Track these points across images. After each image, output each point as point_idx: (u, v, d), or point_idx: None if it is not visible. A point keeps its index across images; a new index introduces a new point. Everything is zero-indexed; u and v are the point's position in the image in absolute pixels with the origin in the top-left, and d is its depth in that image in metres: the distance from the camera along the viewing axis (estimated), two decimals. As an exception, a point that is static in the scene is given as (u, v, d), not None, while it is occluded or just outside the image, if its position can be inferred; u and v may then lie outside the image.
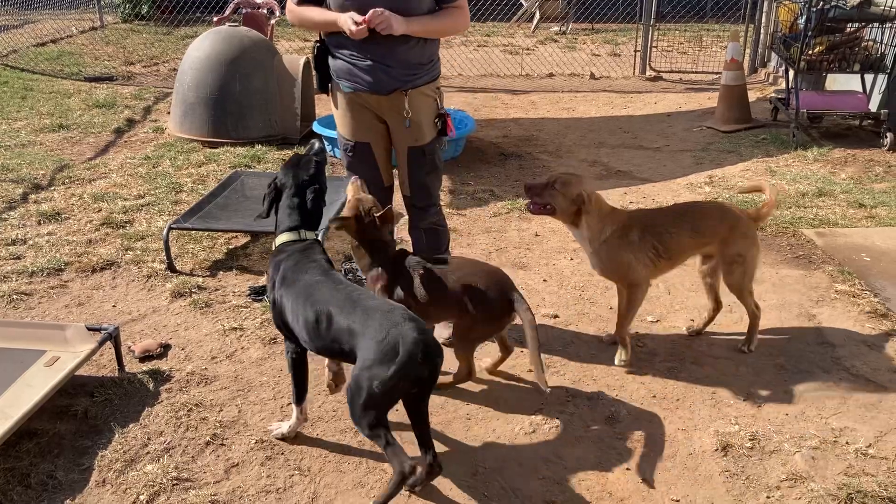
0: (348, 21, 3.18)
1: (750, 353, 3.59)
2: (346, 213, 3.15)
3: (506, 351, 3.36)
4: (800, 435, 3.02)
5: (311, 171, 2.94)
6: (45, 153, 6.47)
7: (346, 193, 3.25)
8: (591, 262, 3.48)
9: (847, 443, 2.98)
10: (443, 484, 2.78)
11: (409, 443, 2.71)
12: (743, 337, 3.72)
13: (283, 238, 2.92)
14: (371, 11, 3.15)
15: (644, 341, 3.72)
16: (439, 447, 2.94)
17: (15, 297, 4.06)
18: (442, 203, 3.89)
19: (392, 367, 2.44)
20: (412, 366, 2.46)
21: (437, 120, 3.50)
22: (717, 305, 3.71)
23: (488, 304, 3.07)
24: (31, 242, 4.72)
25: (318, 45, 3.47)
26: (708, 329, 3.80)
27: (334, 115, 3.61)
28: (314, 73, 3.55)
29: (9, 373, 3.05)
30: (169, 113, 7.31)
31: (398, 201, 3.67)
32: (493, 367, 3.41)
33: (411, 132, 3.47)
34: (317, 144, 3.05)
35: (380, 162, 3.55)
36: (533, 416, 3.15)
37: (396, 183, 3.70)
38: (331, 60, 3.44)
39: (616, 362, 3.50)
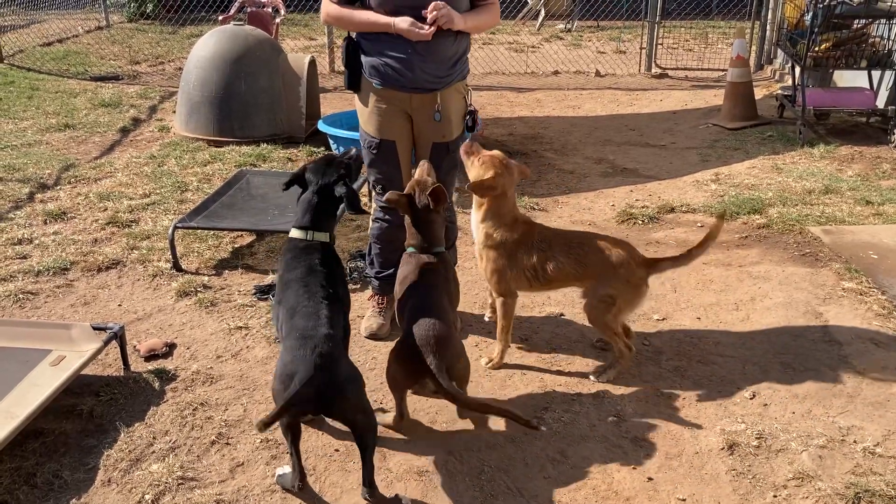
0: (412, 30, 3.23)
1: (756, 351, 3.57)
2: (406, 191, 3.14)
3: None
4: (807, 434, 3.01)
5: (339, 173, 2.95)
6: (51, 153, 6.49)
7: (414, 174, 3.25)
8: (477, 252, 3.46)
9: (855, 441, 2.96)
10: (448, 483, 2.77)
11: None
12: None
13: (292, 233, 2.96)
14: (433, 4, 3.22)
15: (650, 340, 3.71)
16: (445, 445, 2.95)
17: (21, 296, 4.07)
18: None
19: (283, 394, 2.49)
20: (298, 400, 2.46)
21: (466, 117, 3.59)
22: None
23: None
24: (37, 242, 4.73)
25: (347, 42, 3.49)
26: (714, 328, 3.79)
27: (359, 113, 3.61)
28: (344, 70, 3.55)
29: (14, 372, 3.06)
30: (174, 112, 7.31)
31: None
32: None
33: (440, 128, 3.51)
34: (353, 150, 3.10)
35: (402, 160, 3.57)
36: (538, 415, 3.14)
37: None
38: (364, 58, 3.45)
39: (482, 362, 3.47)
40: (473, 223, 3.44)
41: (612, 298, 3.27)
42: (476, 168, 3.33)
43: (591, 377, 3.38)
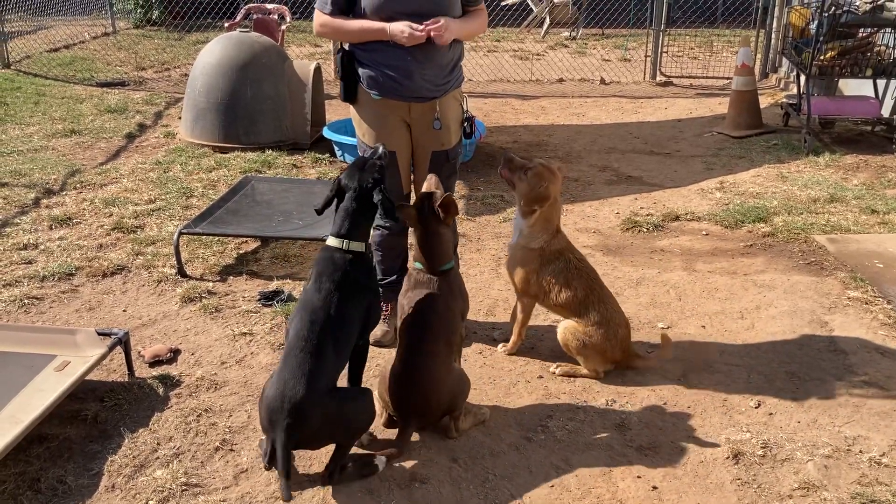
0: (405, 30, 3.22)
1: (761, 360, 3.56)
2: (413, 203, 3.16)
3: None
4: (812, 443, 3.00)
5: (374, 177, 2.87)
6: (57, 158, 6.51)
7: (423, 187, 3.25)
8: (511, 249, 3.56)
9: (860, 451, 2.95)
10: (453, 491, 2.77)
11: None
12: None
13: (329, 241, 2.90)
14: (432, 20, 3.23)
15: (655, 348, 3.70)
16: (449, 452, 2.94)
17: (26, 301, 4.08)
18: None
19: (265, 429, 2.75)
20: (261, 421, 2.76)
21: (465, 123, 3.60)
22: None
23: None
24: (42, 247, 4.74)
25: (341, 54, 3.48)
26: (719, 336, 3.78)
27: (356, 124, 3.60)
28: (339, 82, 3.53)
29: (19, 377, 3.06)
30: (180, 118, 7.34)
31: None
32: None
33: (439, 136, 3.51)
34: (381, 148, 3.00)
35: (402, 170, 3.58)
36: (543, 423, 3.13)
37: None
38: (360, 69, 3.44)
39: (498, 348, 3.67)
40: (518, 224, 3.49)
41: (587, 348, 3.40)
42: (528, 181, 3.38)
43: (553, 370, 3.51)
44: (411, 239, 3.24)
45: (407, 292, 3.08)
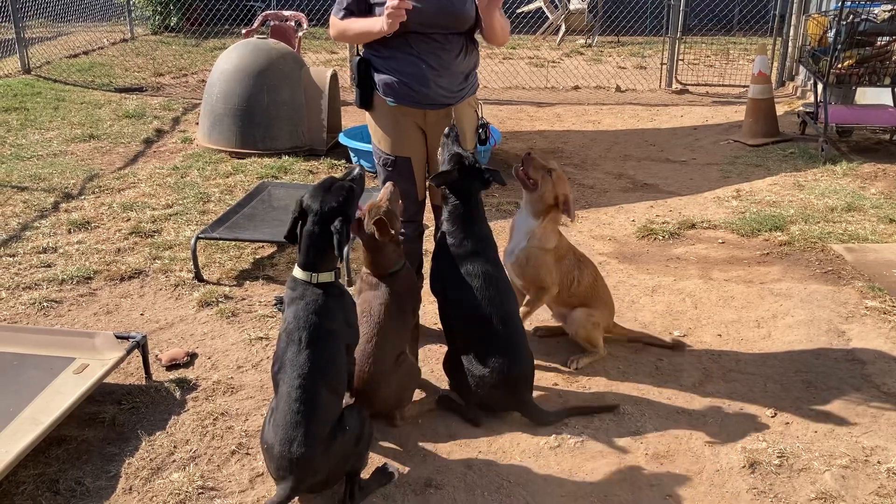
0: (385, 15, 3.13)
1: (778, 369, 3.55)
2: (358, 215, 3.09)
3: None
4: (829, 453, 2.98)
5: (340, 198, 2.67)
6: (75, 163, 6.57)
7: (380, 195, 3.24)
8: (507, 257, 3.58)
9: (878, 462, 2.93)
10: (467, 497, 2.77)
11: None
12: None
13: (296, 273, 2.73)
14: None
15: (670, 356, 3.69)
16: (464, 459, 2.95)
17: (45, 304, 4.12)
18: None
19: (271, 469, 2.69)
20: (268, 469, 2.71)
21: (480, 130, 3.60)
22: None
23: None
24: (61, 251, 4.79)
25: (357, 60, 3.49)
26: (735, 345, 3.77)
27: (371, 131, 3.61)
28: (355, 89, 3.54)
29: (39, 380, 3.09)
30: (197, 124, 7.39)
31: (426, 212, 3.69)
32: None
33: None
34: (356, 171, 2.81)
35: (417, 176, 3.59)
36: (558, 431, 3.13)
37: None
38: (377, 76, 3.46)
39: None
40: (529, 226, 3.54)
41: (597, 328, 3.62)
42: (552, 181, 3.47)
43: (569, 366, 3.58)
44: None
45: (360, 293, 3.17)
